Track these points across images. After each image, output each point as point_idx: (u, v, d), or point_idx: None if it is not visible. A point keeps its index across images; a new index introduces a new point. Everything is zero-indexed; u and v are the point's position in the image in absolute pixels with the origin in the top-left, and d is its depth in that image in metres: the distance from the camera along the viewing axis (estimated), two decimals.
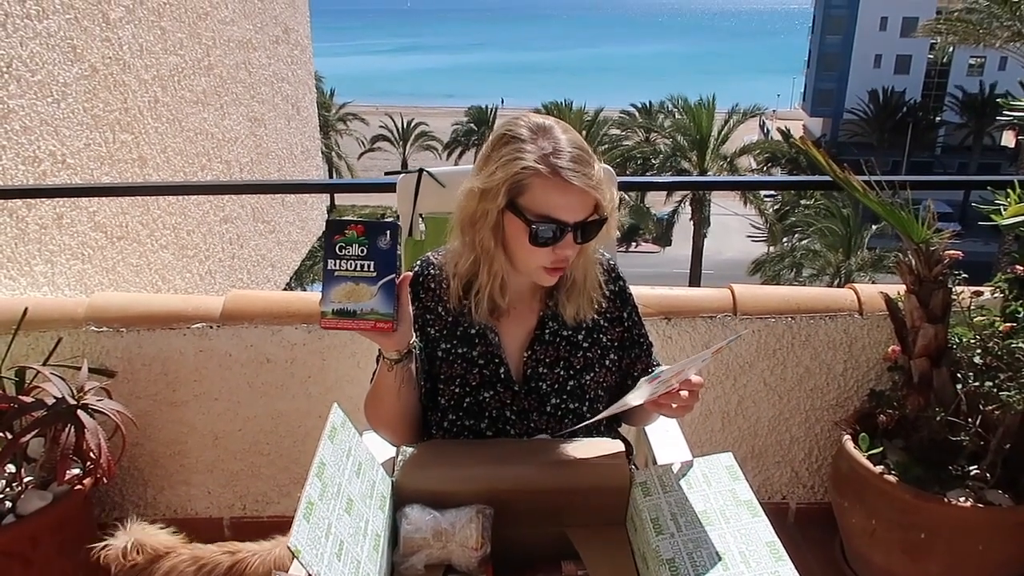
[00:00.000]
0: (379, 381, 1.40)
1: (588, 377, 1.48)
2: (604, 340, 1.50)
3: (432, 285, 1.48)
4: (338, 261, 1.19)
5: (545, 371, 1.46)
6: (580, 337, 1.48)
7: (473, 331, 1.46)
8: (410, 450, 1.39)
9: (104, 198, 3.35)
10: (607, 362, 1.50)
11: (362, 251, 1.19)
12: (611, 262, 1.56)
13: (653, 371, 1.27)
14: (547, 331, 1.47)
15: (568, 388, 1.47)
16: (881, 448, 2.15)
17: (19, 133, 2.78)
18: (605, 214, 1.35)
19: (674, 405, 1.27)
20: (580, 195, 1.30)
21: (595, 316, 1.49)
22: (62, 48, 3.04)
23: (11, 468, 2.09)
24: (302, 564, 0.98)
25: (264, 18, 5.48)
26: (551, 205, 1.30)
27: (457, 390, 1.46)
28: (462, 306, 1.45)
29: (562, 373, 1.47)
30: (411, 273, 1.29)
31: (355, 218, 1.22)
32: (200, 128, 4.38)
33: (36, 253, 2.88)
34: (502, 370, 1.45)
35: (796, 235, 24.68)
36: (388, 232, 1.20)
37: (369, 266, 1.19)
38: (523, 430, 1.46)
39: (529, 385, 1.46)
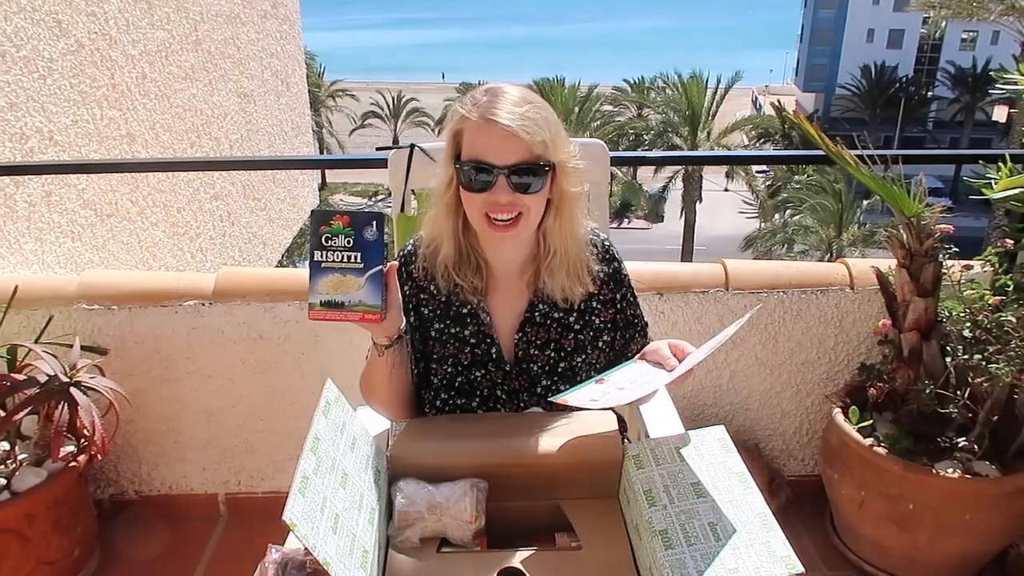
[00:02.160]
0: (371, 365, 1.40)
1: (579, 359, 1.48)
2: (597, 322, 1.49)
3: (425, 264, 1.48)
4: (325, 252, 1.18)
5: (536, 353, 1.46)
6: (572, 319, 1.47)
7: (465, 311, 1.46)
8: (404, 424, 1.40)
9: (93, 175, 3.32)
10: (600, 344, 1.50)
11: (348, 242, 1.18)
12: (606, 243, 1.53)
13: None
14: (537, 313, 1.46)
15: (559, 370, 1.47)
16: (871, 421, 2.18)
17: (5, 110, 2.75)
18: (549, 159, 1.33)
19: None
20: (504, 136, 1.28)
21: (588, 298, 1.48)
22: (47, 23, 3.00)
23: (5, 445, 2.10)
24: (298, 537, 0.99)
25: None
26: (477, 147, 1.31)
27: (449, 369, 1.46)
28: (430, 275, 1.46)
29: (553, 355, 1.47)
30: (396, 263, 1.29)
31: (340, 209, 1.21)
32: (189, 104, 4.34)
33: (25, 231, 2.86)
34: (493, 350, 1.45)
35: (788, 211, 24.71)
36: (375, 223, 1.18)
37: (356, 257, 1.18)
38: (513, 409, 1.47)
39: (520, 366, 1.46)
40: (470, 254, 1.44)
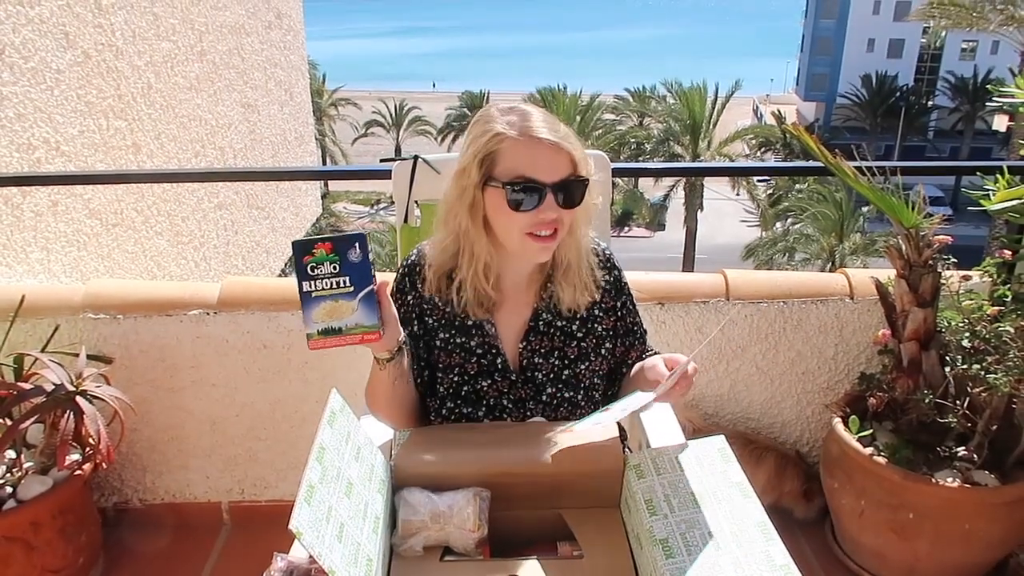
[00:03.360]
0: (373, 377, 1.41)
1: (583, 366, 1.50)
2: (599, 329, 1.52)
3: (436, 281, 1.50)
4: (313, 282, 1.16)
5: (540, 361, 1.48)
6: (575, 327, 1.50)
7: (471, 322, 1.47)
8: (408, 434, 1.41)
9: (99, 185, 3.35)
10: (602, 351, 1.52)
11: (334, 268, 1.16)
12: (607, 251, 1.56)
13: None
14: (541, 322, 1.48)
15: (563, 377, 1.49)
16: (871, 430, 2.19)
17: (13, 120, 2.78)
18: (584, 174, 1.35)
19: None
20: (552, 151, 1.31)
21: (590, 306, 1.50)
22: (55, 35, 3.03)
23: (11, 454, 2.11)
24: (304, 546, 1.00)
25: (256, 3, 5.45)
26: (524, 165, 1.31)
27: (455, 378, 1.48)
28: (443, 296, 1.46)
29: (557, 363, 1.49)
30: (387, 281, 1.28)
31: (320, 236, 1.18)
32: (193, 114, 4.37)
33: (32, 240, 2.88)
34: (499, 360, 1.47)
35: (789, 220, 24.71)
36: (357, 244, 1.17)
37: (345, 281, 1.17)
38: (520, 418, 1.48)
39: (525, 375, 1.48)
40: (487, 267, 1.46)
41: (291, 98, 6.32)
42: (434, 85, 60.73)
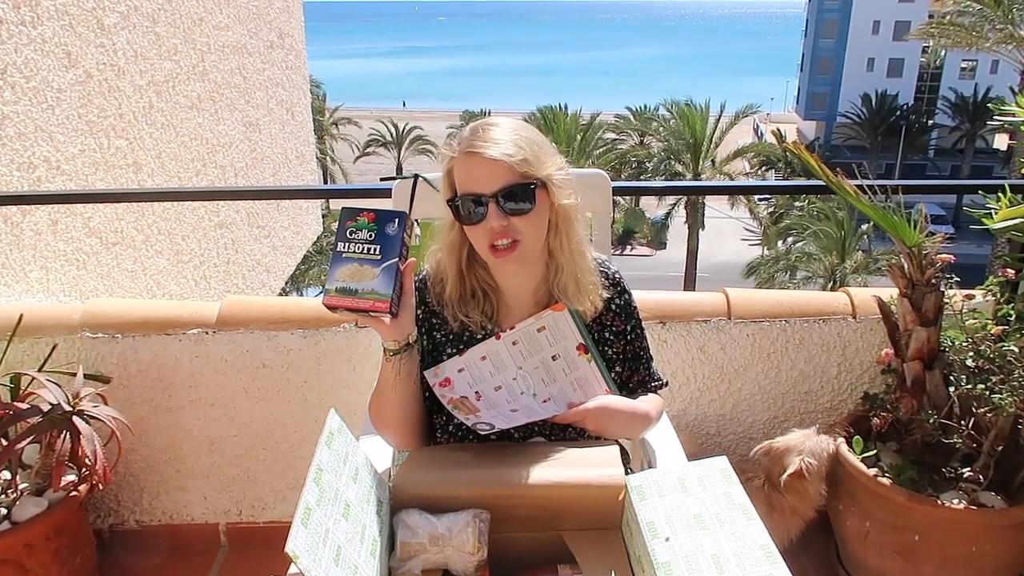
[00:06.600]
0: (380, 375, 1.41)
1: None
2: (609, 353, 1.52)
3: (438, 289, 1.49)
4: (347, 244, 1.25)
5: None
6: None
7: (479, 337, 1.47)
8: (407, 455, 1.40)
9: (99, 203, 3.35)
10: (612, 374, 1.51)
11: (370, 236, 1.25)
12: (616, 275, 1.56)
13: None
14: None
15: None
16: (875, 451, 2.17)
17: (14, 139, 2.78)
18: (535, 177, 1.34)
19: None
20: (487, 164, 1.32)
21: (600, 328, 1.51)
22: (56, 54, 3.04)
23: (6, 475, 2.10)
24: (300, 569, 0.99)
25: (259, 23, 5.49)
26: (465, 181, 1.35)
27: None
28: (442, 306, 1.48)
29: None
30: (414, 260, 1.31)
31: (368, 207, 1.27)
32: (195, 133, 4.38)
33: (31, 259, 2.88)
34: None
35: (791, 238, 24.74)
36: (397, 220, 1.25)
37: (375, 250, 1.25)
38: (526, 434, 1.47)
39: None
40: (475, 288, 1.46)
41: (292, 117, 6.34)
42: (404, 104, 61.32)
